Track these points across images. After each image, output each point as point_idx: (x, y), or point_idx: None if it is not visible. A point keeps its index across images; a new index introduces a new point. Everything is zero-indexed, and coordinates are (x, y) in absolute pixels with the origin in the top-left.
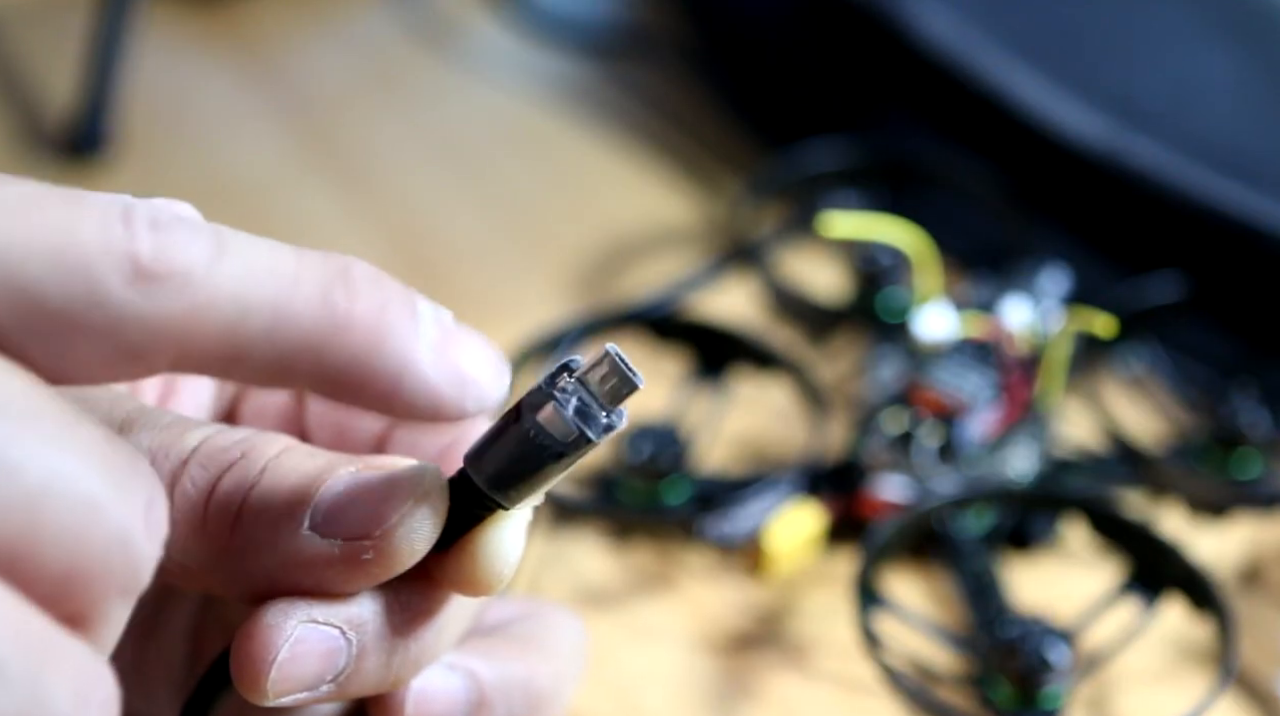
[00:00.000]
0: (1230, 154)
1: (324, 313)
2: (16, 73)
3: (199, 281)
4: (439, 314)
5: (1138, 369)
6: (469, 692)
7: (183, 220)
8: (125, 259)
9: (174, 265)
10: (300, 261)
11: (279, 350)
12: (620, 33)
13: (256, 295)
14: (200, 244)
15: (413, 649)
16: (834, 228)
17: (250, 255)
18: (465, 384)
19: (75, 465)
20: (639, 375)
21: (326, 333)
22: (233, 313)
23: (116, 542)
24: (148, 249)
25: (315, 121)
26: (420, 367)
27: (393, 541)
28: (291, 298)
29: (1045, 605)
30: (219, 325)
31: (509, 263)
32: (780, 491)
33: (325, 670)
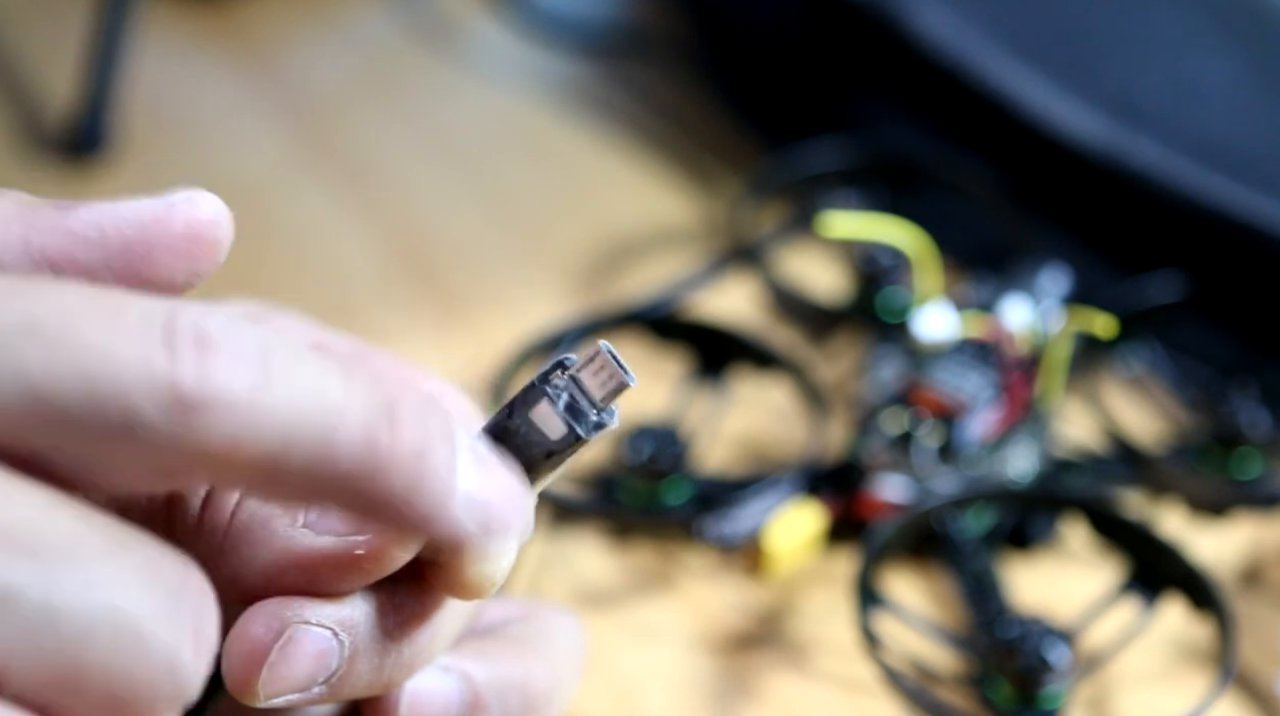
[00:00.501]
0: (1230, 154)
1: (366, 453)
2: (16, 72)
3: (242, 411)
4: (475, 449)
5: (1138, 369)
6: (463, 695)
7: (230, 335)
8: (164, 389)
9: (216, 395)
10: (347, 391)
11: (316, 482)
12: (620, 33)
13: (300, 431)
14: (245, 371)
15: (405, 651)
16: (834, 228)
17: (296, 384)
18: (490, 526)
19: (119, 599)
20: (630, 373)
21: (365, 474)
22: (274, 445)
23: (164, 670)
24: (189, 377)
25: (315, 121)
26: (451, 513)
27: (387, 537)
28: (335, 434)
29: (1045, 605)
30: (257, 453)
31: (508, 262)
32: (780, 491)
33: (317, 671)
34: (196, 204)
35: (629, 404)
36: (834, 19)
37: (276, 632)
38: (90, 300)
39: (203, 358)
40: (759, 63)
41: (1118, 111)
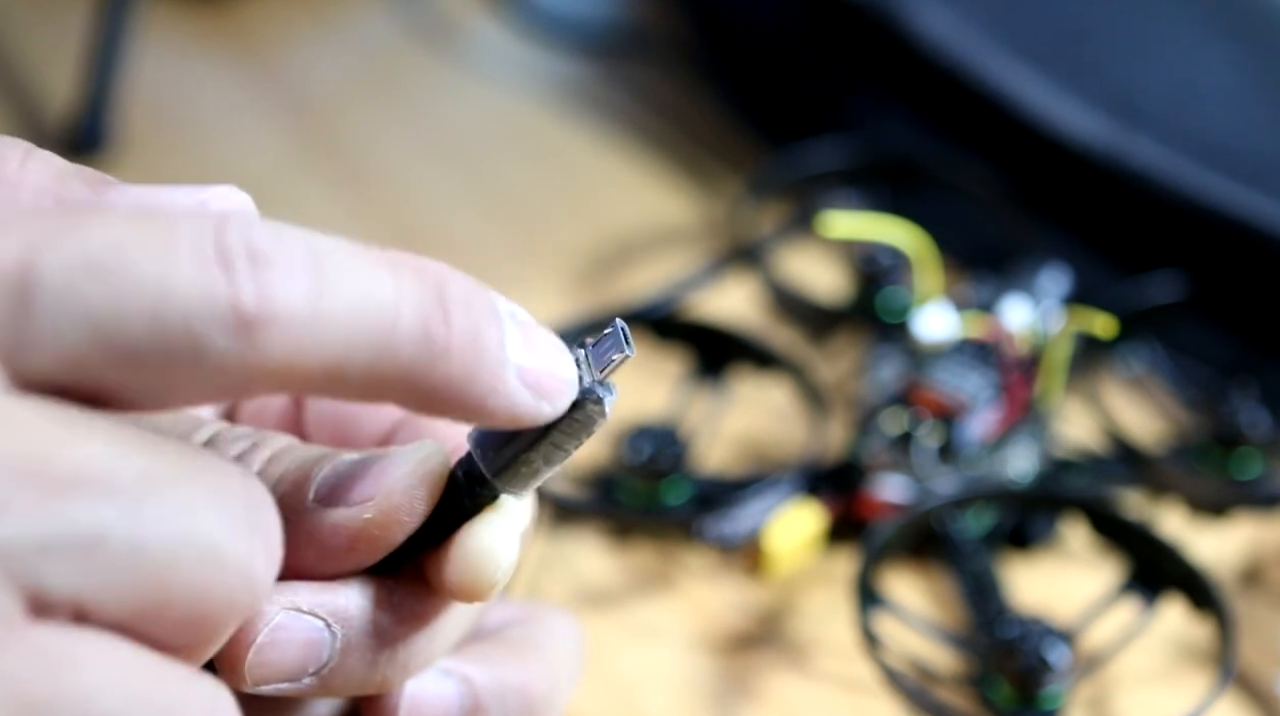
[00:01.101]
0: (1230, 154)
1: (424, 345)
2: (17, 72)
3: (303, 323)
4: (518, 318)
5: (1138, 369)
6: (463, 698)
7: (281, 244)
8: (227, 310)
9: (277, 310)
10: (398, 287)
11: (376, 378)
12: (620, 33)
13: (359, 333)
14: (300, 281)
15: (401, 651)
16: (834, 228)
17: (351, 284)
18: (543, 393)
19: (197, 522)
20: (631, 346)
21: (425, 364)
22: (337, 350)
23: (240, 581)
24: (250, 297)
25: (315, 121)
26: (508, 386)
27: (393, 499)
28: (393, 332)
29: (1045, 605)
30: (321, 362)
31: (508, 262)
32: (780, 491)
33: (306, 660)
34: (229, 200)
35: (629, 404)
36: (834, 19)
37: (266, 616)
38: (141, 230)
39: (258, 274)
40: (759, 63)
41: (1118, 111)
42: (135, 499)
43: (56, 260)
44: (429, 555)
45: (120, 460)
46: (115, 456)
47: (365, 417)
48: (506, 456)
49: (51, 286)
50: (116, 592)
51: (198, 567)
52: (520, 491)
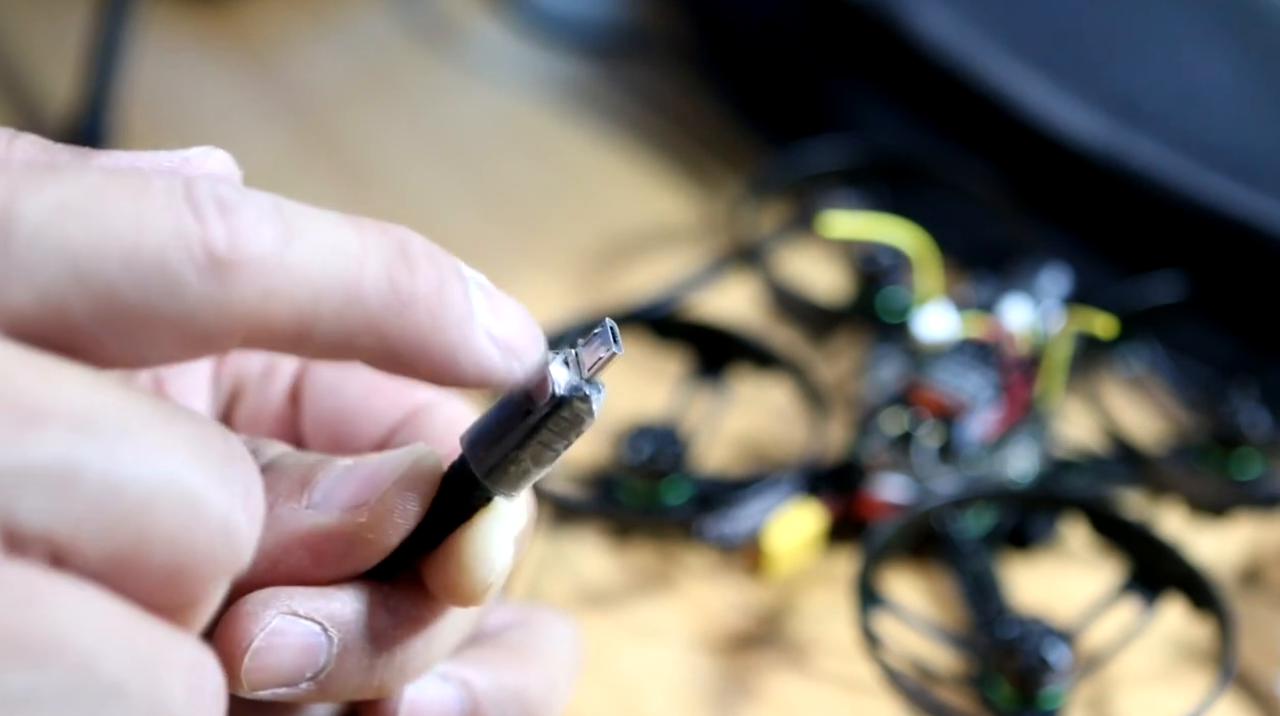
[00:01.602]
0: (1230, 154)
1: (390, 293)
2: (16, 72)
3: (272, 267)
4: (480, 280)
5: (1138, 369)
6: (462, 703)
7: (247, 198)
8: (199, 249)
9: (248, 252)
10: (363, 239)
11: (345, 329)
12: (620, 33)
13: (327, 280)
14: (270, 227)
15: (398, 656)
16: (834, 228)
17: (317, 235)
18: (511, 351)
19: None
20: (620, 344)
21: (392, 312)
22: (305, 297)
23: (220, 534)
24: (221, 238)
25: (315, 121)
26: (475, 340)
27: (386, 502)
28: (359, 280)
29: (1045, 605)
30: (292, 308)
31: (508, 262)
32: (780, 491)
33: (303, 665)
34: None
35: (629, 403)
36: (834, 19)
37: (262, 620)
38: (114, 178)
39: (228, 219)
40: (759, 63)
41: (1118, 111)
42: (112, 437)
43: (35, 202)
44: (424, 559)
45: (98, 399)
46: (93, 396)
47: (362, 421)
48: (496, 456)
49: (29, 223)
50: (92, 533)
51: (175, 513)
52: (512, 492)
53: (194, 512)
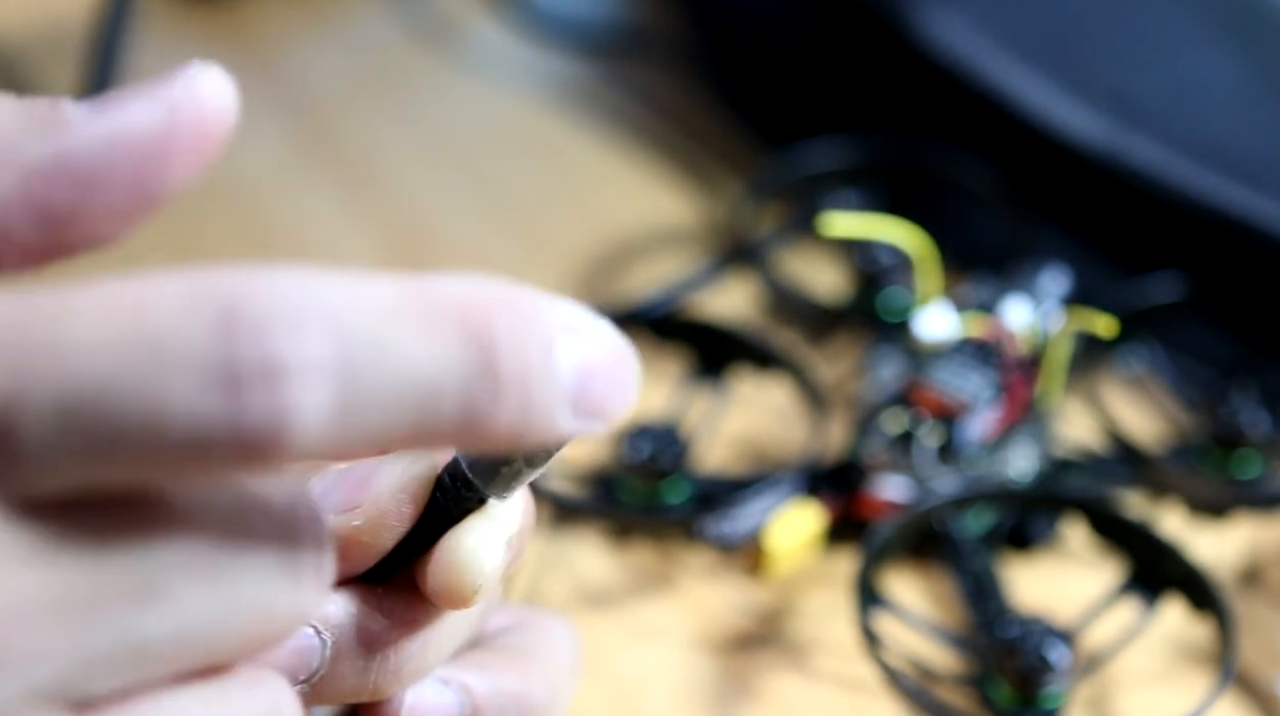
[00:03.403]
0: (1230, 154)
1: (467, 429)
2: (16, 72)
3: (327, 431)
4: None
5: (1138, 369)
6: (462, 707)
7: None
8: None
9: (293, 428)
10: (436, 354)
11: (420, 444)
12: (620, 33)
13: (395, 422)
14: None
15: (392, 659)
16: (834, 228)
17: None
18: (595, 415)
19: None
20: None
21: (469, 431)
22: (368, 439)
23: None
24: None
25: (315, 121)
26: (557, 426)
27: (380, 505)
28: (435, 414)
29: (1045, 605)
30: (352, 451)
31: (508, 262)
32: (780, 491)
33: (296, 667)
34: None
35: None
36: (834, 19)
37: None
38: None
39: (269, 395)
40: (759, 63)
41: (1118, 111)
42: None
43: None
44: (417, 561)
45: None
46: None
47: None
48: (490, 459)
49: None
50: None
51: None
52: (504, 494)
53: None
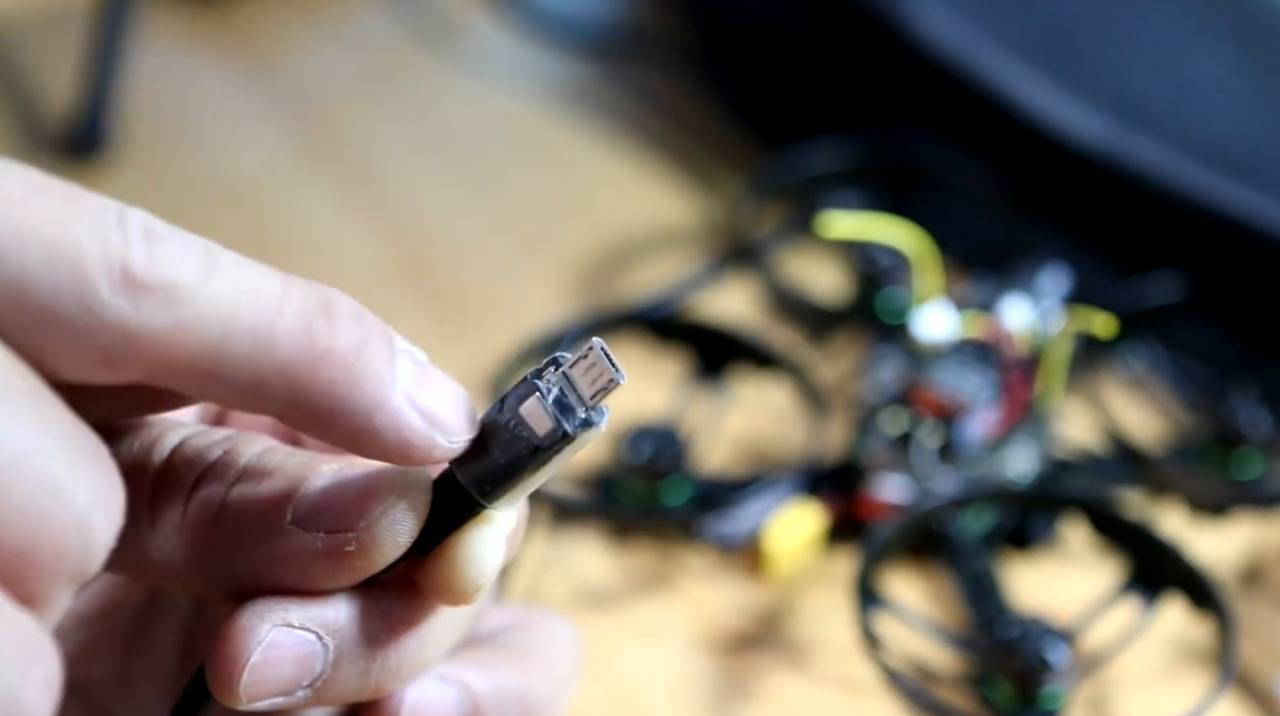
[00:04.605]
0: (1230, 154)
1: (304, 342)
2: (16, 73)
3: (186, 297)
4: (415, 353)
5: (1138, 369)
6: (463, 705)
7: (177, 234)
8: (117, 264)
9: (164, 278)
10: (286, 289)
11: (256, 374)
12: (620, 33)
13: (240, 318)
14: (191, 260)
15: (392, 657)
16: (834, 228)
17: (239, 276)
18: (435, 425)
19: (43, 443)
20: (621, 371)
21: (305, 362)
22: (215, 332)
23: (75, 526)
24: (140, 258)
25: (315, 122)
26: (393, 405)
27: (375, 533)
28: (274, 324)
29: (1045, 605)
30: (200, 343)
31: (508, 263)
32: (780, 491)
33: (300, 674)
34: None
35: (629, 404)
36: (834, 19)
37: (258, 635)
38: (50, 181)
39: (152, 245)
40: (759, 63)
41: (1118, 111)
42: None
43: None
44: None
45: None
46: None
47: None
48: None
49: None
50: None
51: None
52: (506, 505)
53: (53, 495)
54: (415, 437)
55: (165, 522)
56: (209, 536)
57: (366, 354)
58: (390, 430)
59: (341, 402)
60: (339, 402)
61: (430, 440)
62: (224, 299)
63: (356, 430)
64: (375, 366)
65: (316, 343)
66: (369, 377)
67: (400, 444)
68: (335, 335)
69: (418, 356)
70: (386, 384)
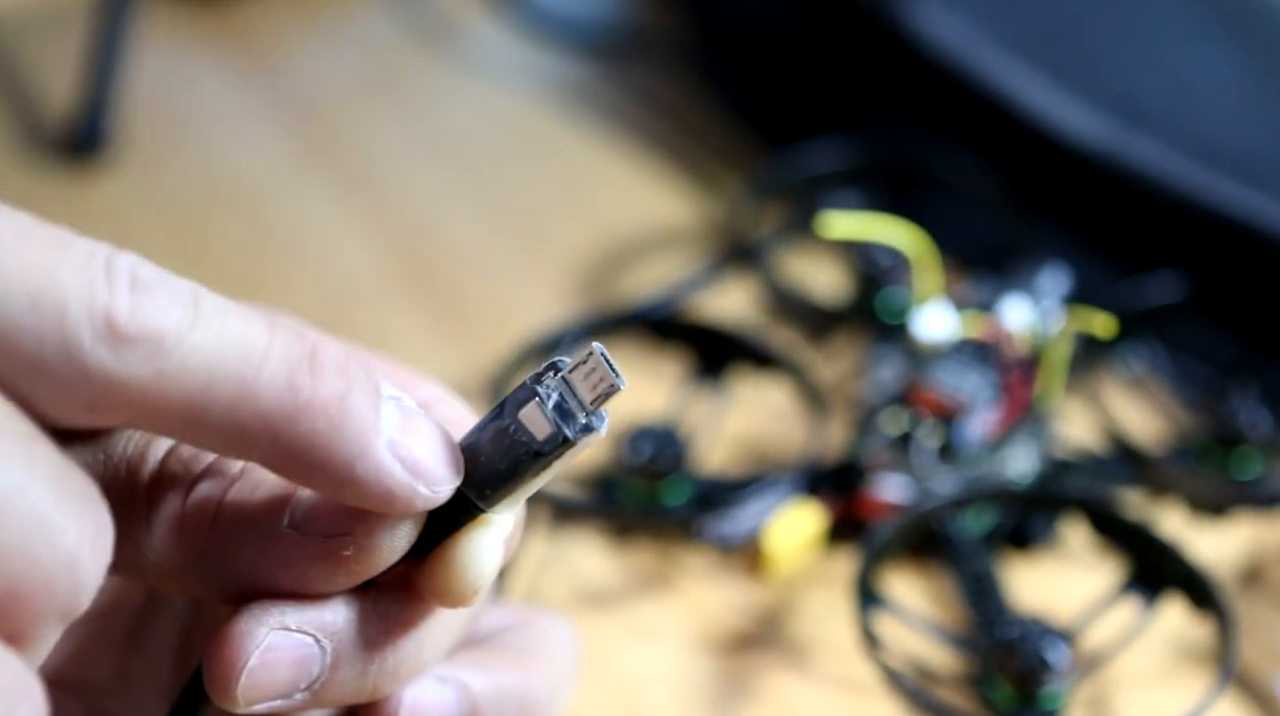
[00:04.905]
0: (1230, 154)
1: (286, 393)
2: (16, 73)
3: (169, 348)
4: (402, 400)
5: (1138, 369)
6: (461, 705)
7: (164, 281)
8: (100, 314)
9: (147, 328)
10: (271, 339)
11: (238, 423)
12: (620, 33)
13: (224, 368)
14: (177, 308)
15: (390, 659)
16: (834, 228)
17: (224, 326)
18: (417, 475)
19: (30, 483)
20: (621, 376)
21: (287, 413)
22: (198, 383)
23: (63, 566)
24: (124, 308)
25: (315, 122)
26: (374, 455)
27: (373, 538)
28: (257, 375)
29: (1045, 605)
30: (183, 392)
31: (508, 263)
32: (780, 491)
33: (298, 678)
34: None
35: (629, 404)
36: (834, 19)
37: (256, 638)
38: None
39: (137, 295)
40: (759, 63)
41: (1118, 111)
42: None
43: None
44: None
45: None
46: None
47: None
48: (491, 482)
49: None
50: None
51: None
52: (505, 509)
53: (41, 534)
54: (396, 487)
55: (161, 523)
56: (205, 538)
57: (349, 404)
58: (372, 480)
59: (324, 453)
60: (321, 453)
61: (412, 490)
62: (207, 349)
63: (339, 480)
64: (358, 416)
65: (299, 394)
66: (351, 428)
67: (382, 493)
68: (318, 386)
69: (405, 403)
70: (368, 434)
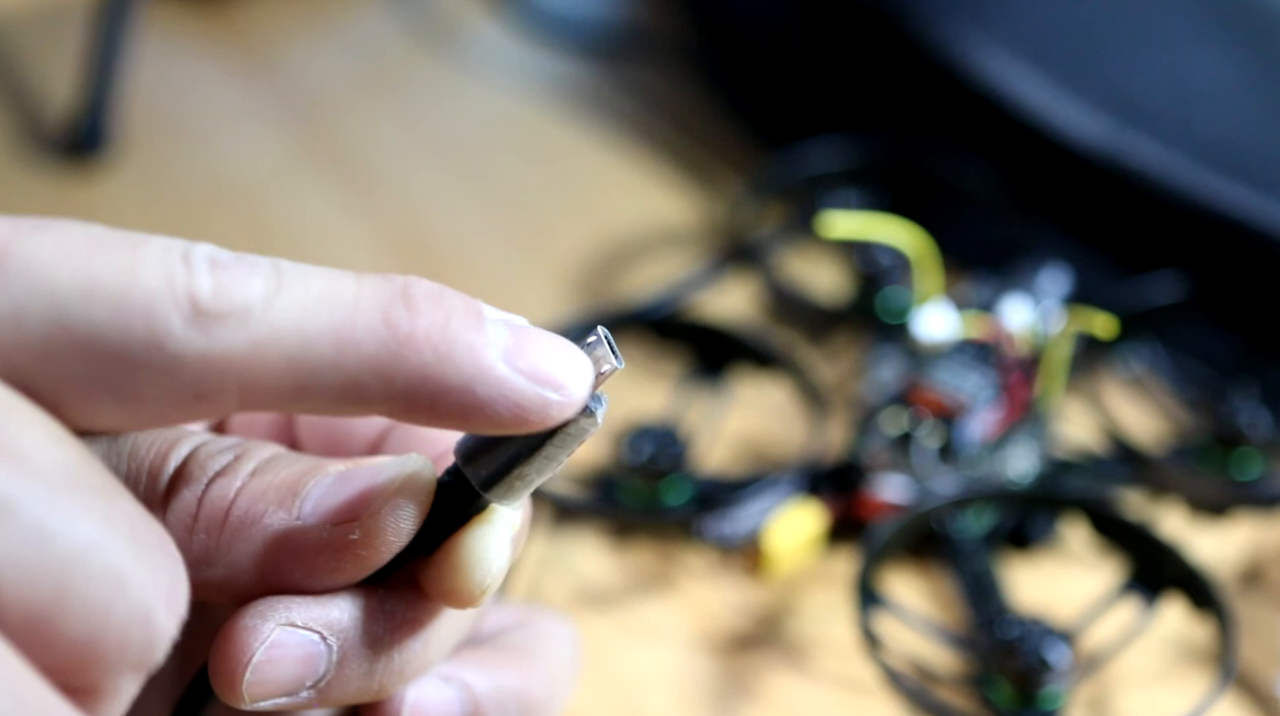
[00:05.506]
0: (1230, 154)
1: (386, 333)
2: (17, 73)
3: (258, 316)
4: (509, 318)
5: (1138, 369)
6: (464, 705)
7: (241, 258)
8: (185, 298)
9: (233, 302)
10: (359, 286)
11: (346, 376)
12: (620, 33)
13: (317, 324)
14: (258, 278)
15: (396, 658)
16: (834, 228)
17: (309, 285)
18: (544, 383)
19: (109, 537)
20: (619, 357)
21: (392, 353)
22: (295, 344)
23: (139, 619)
24: (207, 287)
25: (315, 121)
26: (493, 373)
27: (379, 520)
28: (353, 323)
29: (1045, 605)
30: (282, 358)
31: (508, 263)
32: (780, 491)
33: (303, 675)
34: None
35: (629, 404)
36: (834, 19)
37: (262, 634)
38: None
39: (217, 272)
40: (760, 63)
41: (1118, 112)
42: (56, 487)
43: (31, 241)
44: (420, 562)
45: (49, 449)
46: (45, 444)
47: (357, 422)
48: (495, 468)
49: (21, 260)
50: (17, 572)
51: (100, 582)
52: (510, 501)
53: (118, 588)
54: (526, 401)
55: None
56: (218, 535)
57: (452, 330)
58: (498, 398)
59: (439, 384)
60: (436, 385)
61: (543, 400)
62: (296, 309)
63: (464, 407)
64: (465, 341)
65: (399, 330)
66: (460, 354)
67: (512, 410)
68: (417, 319)
69: (515, 322)
70: (479, 353)
